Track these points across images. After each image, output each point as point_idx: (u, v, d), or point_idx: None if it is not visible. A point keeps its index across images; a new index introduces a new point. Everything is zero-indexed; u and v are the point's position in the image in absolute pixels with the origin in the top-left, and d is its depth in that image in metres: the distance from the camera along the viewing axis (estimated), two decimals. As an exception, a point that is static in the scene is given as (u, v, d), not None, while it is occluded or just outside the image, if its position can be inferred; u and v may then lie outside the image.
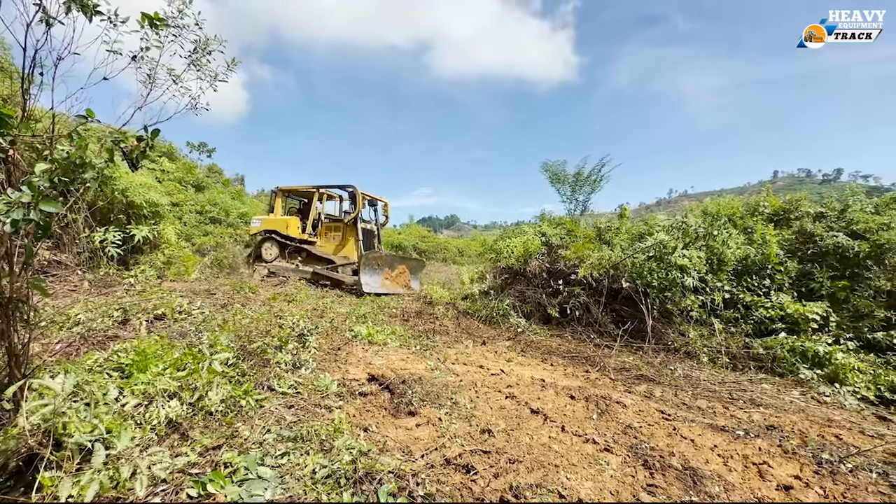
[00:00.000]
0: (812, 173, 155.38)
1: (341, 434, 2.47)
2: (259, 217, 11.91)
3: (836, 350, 5.92)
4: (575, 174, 14.64)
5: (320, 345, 4.61)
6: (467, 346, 5.81)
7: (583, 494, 2.18)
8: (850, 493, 2.49)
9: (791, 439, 3.41)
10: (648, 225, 9.22)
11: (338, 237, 11.46)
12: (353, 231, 11.01)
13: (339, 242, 11.37)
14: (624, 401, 3.89)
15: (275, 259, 11.24)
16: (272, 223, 11.49)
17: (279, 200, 11.83)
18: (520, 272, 8.63)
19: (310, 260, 11.02)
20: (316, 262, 10.87)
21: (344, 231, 11.38)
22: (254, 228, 11.83)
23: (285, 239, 11.21)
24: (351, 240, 11.15)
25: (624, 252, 7.69)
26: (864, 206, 7.63)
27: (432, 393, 3.53)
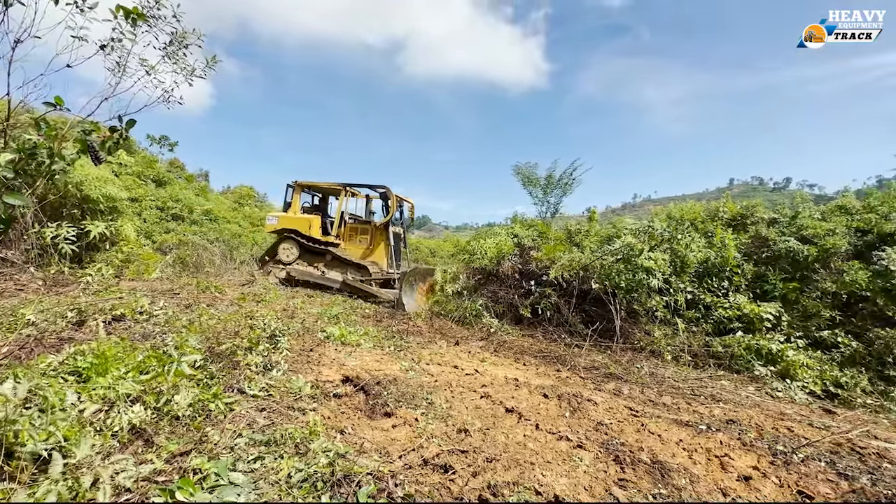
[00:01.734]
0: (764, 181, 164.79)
1: (317, 437, 2.42)
2: (275, 214, 10.80)
3: (788, 348, 6.31)
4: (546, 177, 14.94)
5: (292, 346, 4.50)
6: (441, 346, 5.82)
7: (558, 490, 2.23)
8: (802, 481, 2.66)
9: (749, 432, 3.60)
10: (616, 228, 9.53)
11: (365, 240, 10.52)
12: (383, 235, 10.25)
13: (367, 246, 10.43)
14: (594, 398, 4.00)
15: (294, 261, 10.23)
16: (292, 221, 10.39)
17: (297, 196, 10.72)
18: (493, 273, 8.72)
19: (335, 264, 10.08)
20: (341, 266, 9.95)
21: (373, 234, 10.47)
22: (269, 226, 10.74)
23: (307, 240, 10.18)
24: (381, 244, 10.31)
25: (593, 254, 7.91)
26: (812, 213, 8.17)
27: (408, 394, 3.51)
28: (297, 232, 10.24)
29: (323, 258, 10.16)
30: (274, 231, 10.68)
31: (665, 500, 2.30)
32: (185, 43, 2.33)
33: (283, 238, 10.42)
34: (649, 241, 7.48)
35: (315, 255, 10.24)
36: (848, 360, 6.30)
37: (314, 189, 11.24)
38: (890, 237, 7.24)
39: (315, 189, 11.24)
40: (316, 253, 10.22)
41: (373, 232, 10.49)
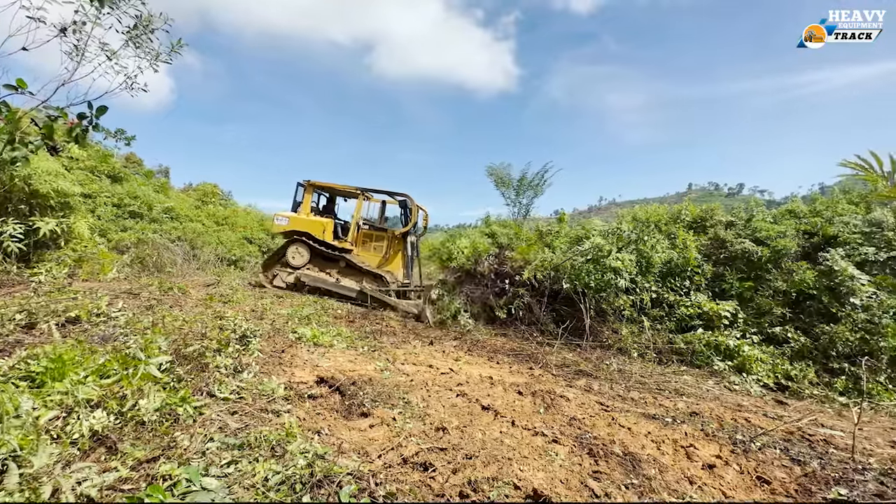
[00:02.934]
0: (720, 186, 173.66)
1: (294, 438, 2.37)
2: (285, 214, 9.95)
3: (744, 343, 6.68)
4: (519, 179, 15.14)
5: (263, 348, 4.37)
6: (415, 346, 5.81)
7: (536, 484, 2.27)
8: (760, 468, 2.82)
9: (710, 424, 3.78)
10: (585, 229, 9.79)
11: (381, 248, 10.03)
12: (401, 244, 9.84)
13: (384, 255, 9.96)
14: (567, 395, 4.10)
15: (304, 266, 9.60)
16: (305, 224, 9.64)
17: (308, 196, 10.02)
18: (470, 272, 8.79)
19: (348, 271, 9.55)
20: (355, 274, 9.45)
21: (390, 243, 9.99)
22: (278, 227, 9.98)
23: (320, 244, 9.56)
24: (399, 254, 9.90)
25: (565, 254, 8.10)
26: (765, 217, 8.66)
27: (384, 393, 3.49)
28: (310, 235, 9.60)
29: (336, 264, 9.62)
30: (283, 232, 10.01)
31: (637, 489, 2.39)
32: (151, 28, 2.21)
33: (294, 240, 9.74)
34: (617, 242, 7.74)
35: (327, 261, 9.68)
36: (797, 355, 6.73)
37: (328, 190, 10.64)
38: (834, 239, 7.78)
39: (329, 190, 10.63)
40: (329, 258, 9.65)
41: (390, 240, 10.02)
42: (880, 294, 6.68)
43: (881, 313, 6.43)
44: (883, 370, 6.09)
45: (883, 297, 6.63)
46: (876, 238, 7.52)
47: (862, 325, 6.47)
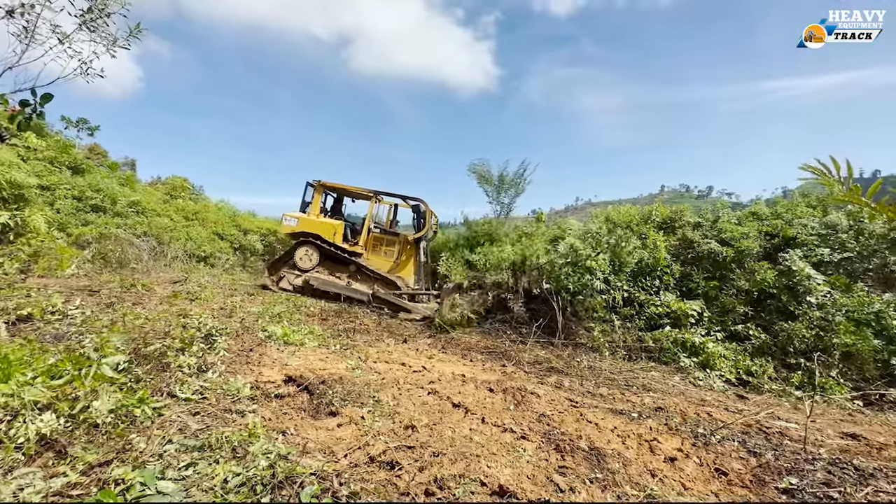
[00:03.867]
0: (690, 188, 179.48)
1: (257, 439, 2.31)
2: (294, 215, 9.60)
3: (708, 341, 6.91)
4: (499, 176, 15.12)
5: (230, 346, 4.26)
6: (388, 344, 5.77)
7: (503, 480, 2.29)
8: (719, 460, 2.92)
9: (674, 418, 3.90)
10: (562, 229, 9.95)
11: (392, 253, 9.76)
12: (413, 250, 9.60)
13: (395, 260, 9.70)
14: (538, 391, 4.15)
15: (313, 269, 9.30)
16: (315, 226, 9.39)
17: (317, 197, 9.72)
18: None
19: (359, 276, 9.30)
20: (366, 279, 9.19)
21: (402, 248, 9.73)
22: (287, 228, 9.64)
23: (331, 247, 9.27)
24: (411, 260, 9.65)
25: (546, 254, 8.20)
26: (730, 219, 8.98)
27: (354, 392, 3.45)
28: (320, 237, 9.36)
29: (346, 268, 9.38)
30: (291, 233, 9.65)
31: (601, 483, 2.44)
32: (107, 11, 2.09)
33: (303, 243, 9.49)
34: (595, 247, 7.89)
35: (337, 264, 9.43)
36: (758, 351, 7.01)
37: (339, 191, 10.37)
38: (793, 240, 8.14)
39: (341, 192, 10.35)
40: (339, 262, 9.41)
41: (402, 245, 9.80)
42: (834, 293, 7.04)
43: (835, 311, 6.76)
44: (835, 365, 6.41)
45: (837, 296, 6.98)
46: (831, 240, 7.91)
47: (817, 322, 6.79)
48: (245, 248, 15.10)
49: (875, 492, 2.57)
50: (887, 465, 3.17)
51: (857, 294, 6.93)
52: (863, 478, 2.78)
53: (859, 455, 3.54)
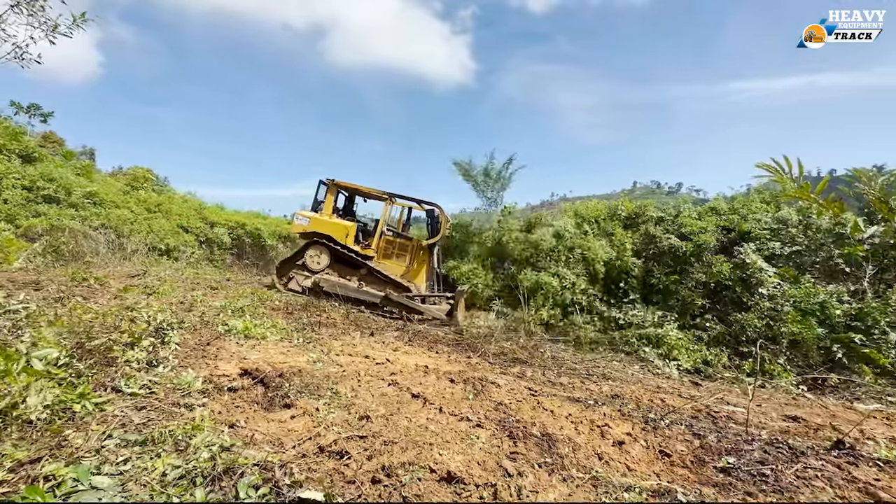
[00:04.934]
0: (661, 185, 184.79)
1: (201, 431, 2.26)
2: (306, 214, 9.30)
3: (669, 330, 7.18)
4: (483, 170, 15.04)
5: (185, 340, 4.14)
6: (354, 337, 5.74)
7: (452, 467, 2.32)
8: (664, 442, 3.05)
9: (628, 404, 4.04)
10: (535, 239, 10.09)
11: (404, 257, 9.50)
12: (426, 255, 9.35)
13: (408, 265, 9.43)
14: (498, 381, 4.21)
15: (323, 270, 8.98)
16: (327, 226, 9.08)
17: (330, 196, 9.34)
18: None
19: (371, 279, 8.99)
20: (378, 283, 8.93)
21: (414, 253, 9.47)
22: (298, 227, 9.30)
23: (343, 249, 8.96)
24: (424, 265, 9.40)
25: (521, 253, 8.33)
26: (690, 213, 9.32)
27: (312, 384, 3.42)
28: (332, 239, 9.08)
29: (356, 271, 9.15)
30: (303, 233, 9.36)
31: (549, 467, 2.50)
32: (42, -5, 1.98)
33: (313, 243, 9.20)
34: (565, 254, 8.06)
35: (348, 267, 9.19)
36: (714, 341, 7.34)
37: (352, 192, 10.10)
38: (748, 234, 8.52)
39: (355, 192, 10.08)
40: (350, 264, 9.17)
41: (414, 250, 9.60)
42: (783, 285, 7.42)
43: (783, 302, 7.13)
44: (783, 353, 6.78)
45: (785, 288, 7.36)
46: (782, 234, 8.32)
47: (767, 312, 7.15)
48: (212, 242, 14.67)
49: (804, 468, 2.73)
50: (820, 444, 3.38)
51: (804, 285, 7.32)
52: (795, 456, 2.95)
53: (797, 435, 3.76)
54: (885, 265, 7.78)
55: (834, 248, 7.94)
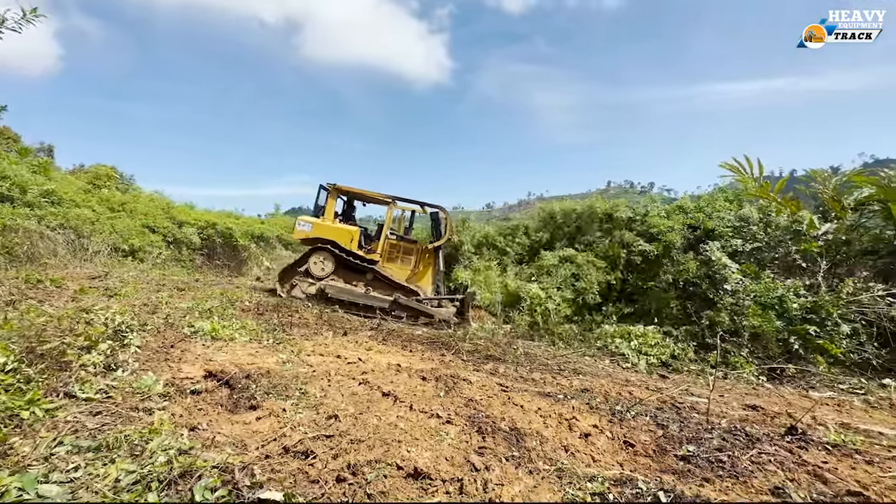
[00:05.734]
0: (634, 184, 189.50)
1: (158, 435, 2.19)
2: (308, 220, 9.13)
3: (638, 329, 7.37)
4: None
5: (147, 343, 4.00)
6: (327, 337, 5.67)
7: (420, 463, 2.32)
8: (629, 433, 3.13)
9: (597, 398, 4.13)
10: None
11: (409, 261, 9.34)
12: (432, 258, 9.25)
13: (413, 268, 9.28)
14: (470, 378, 4.24)
15: (328, 277, 8.79)
16: (331, 231, 8.97)
17: (332, 201, 9.19)
18: None
19: (377, 285, 8.87)
20: (385, 288, 8.81)
21: (420, 256, 9.32)
22: (300, 233, 9.09)
23: (348, 255, 8.80)
24: (429, 268, 9.29)
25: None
26: (659, 212, 9.59)
27: (280, 385, 3.36)
28: (336, 244, 8.94)
29: (363, 276, 9.02)
30: (306, 240, 9.19)
31: (516, 460, 2.53)
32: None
33: (317, 249, 9.00)
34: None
35: (353, 272, 9.03)
36: (683, 335, 7.58)
37: (355, 196, 9.93)
38: (712, 232, 8.83)
39: (357, 196, 9.95)
40: (355, 270, 9.01)
41: (419, 253, 9.45)
42: (745, 280, 7.73)
43: (745, 296, 7.43)
44: (745, 345, 7.06)
45: (747, 283, 7.67)
46: (744, 231, 8.66)
47: (730, 307, 7.44)
48: (180, 242, 14.20)
49: (759, 454, 2.86)
50: (775, 430, 3.54)
51: (764, 281, 7.65)
52: (751, 442, 3.08)
53: (754, 423, 3.92)
54: (837, 260, 8.21)
55: (791, 245, 8.32)
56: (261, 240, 20.13)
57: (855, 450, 3.11)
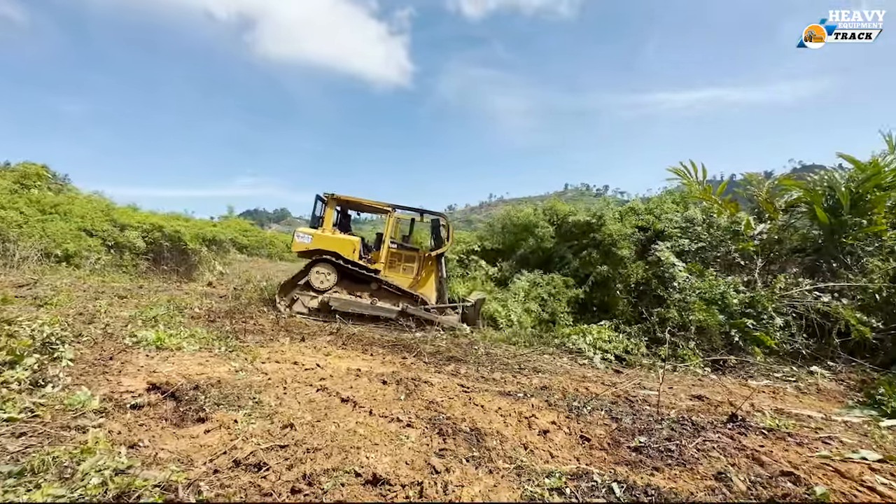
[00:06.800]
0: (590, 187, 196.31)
1: (92, 455, 2.02)
2: (307, 231, 8.79)
3: (602, 329, 7.64)
4: None
5: (82, 356, 3.70)
6: (283, 343, 5.48)
7: (379, 469, 2.28)
8: (585, 428, 3.22)
9: (555, 395, 4.23)
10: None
11: (411, 269, 9.12)
12: (434, 265, 9.03)
13: (415, 276, 9.05)
14: (432, 380, 4.22)
15: (331, 289, 8.41)
16: (332, 242, 8.67)
17: (330, 211, 8.82)
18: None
19: (382, 294, 8.58)
20: (390, 297, 8.54)
21: (422, 263, 9.08)
22: (300, 245, 8.72)
23: (352, 265, 8.48)
24: (432, 275, 9.07)
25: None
26: (613, 215, 9.96)
27: (232, 395, 3.21)
28: (338, 255, 8.60)
29: (366, 286, 8.74)
30: (305, 252, 8.81)
31: (477, 461, 2.54)
32: None
33: (318, 261, 8.62)
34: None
35: (356, 283, 8.74)
36: (635, 332, 7.91)
37: (353, 206, 9.63)
38: (662, 233, 9.29)
39: (356, 207, 9.67)
40: (358, 280, 8.73)
41: (421, 261, 9.24)
42: (691, 278, 8.18)
43: (691, 293, 7.87)
44: (693, 339, 7.47)
45: (693, 281, 8.12)
46: (690, 232, 9.18)
47: (679, 303, 7.85)
48: (123, 246, 13.29)
49: (703, 441, 3.02)
50: (718, 418, 3.76)
51: (708, 278, 8.13)
52: (697, 431, 3.26)
53: (700, 413, 4.15)
54: (771, 258, 8.87)
55: (731, 244, 8.91)
56: (213, 243, 19.18)
57: (788, 433, 3.36)
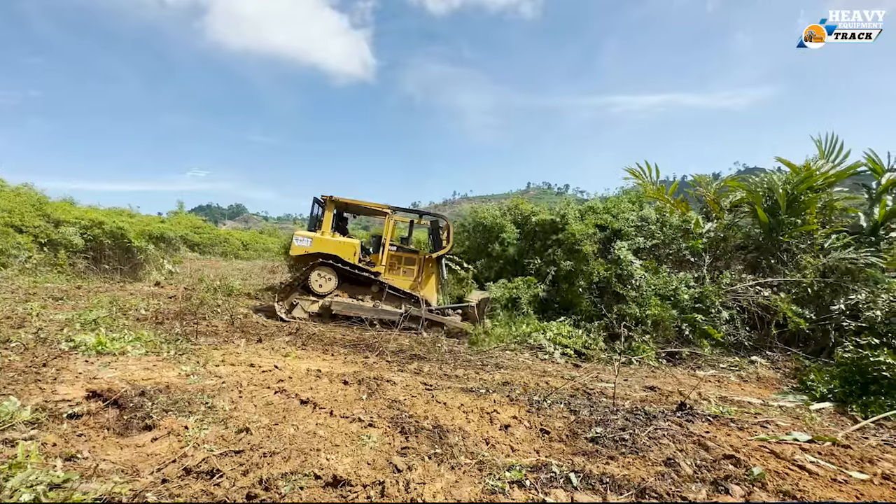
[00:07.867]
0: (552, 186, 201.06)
1: (22, 470, 1.86)
2: (306, 235, 8.45)
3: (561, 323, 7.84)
4: None
5: (10, 363, 3.40)
6: (239, 345, 5.26)
7: (340, 471, 2.23)
8: (545, 421, 3.30)
9: (517, 390, 4.30)
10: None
11: (411, 271, 8.95)
12: (435, 267, 8.85)
13: (415, 278, 8.88)
14: (394, 379, 4.19)
15: (331, 293, 8.13)
16: (332, 245, 8.37)
17: (329, 214, 8.60)
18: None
19: (381, 296, 8.36)
20: (393, 299, 8.31)
21: (422, 266, 8.90)
22: (299, 249, 8.37)
23: (352, 268, 8.24)
24: (433, 277, 8.89)
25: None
26: (574, 215, 10.21)
27: (182, 400, 3.04)
28: (339, 258, 8.34)
29: (368, 289, 8.56)
30: (304, 255, 8.49)
31: (439, 458, 2.55)
32: None
33: (318, 265, 8.35)
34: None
35: (357, 286, 8.56)
36: (595, 328, 8.19)
37: (351, 209, 9.44)
38: (619, 232, 9.65)
39: (354, 209, 9.51)
40: (359, 283, 8.55)
41: (421, 263, 9.06)
42: (646, 275, 8.56)
43: (647, 289, 8.24)
44: (649, 332, 7.82)
45: (648, 277, 8.51)
46: (644, 230, 9.60)
47: (635, 299, 8.20)
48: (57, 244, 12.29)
49: (655, 429, 3.17)
50: (668, 407, 3.96)
51: (661, 275, 8.54)
52: (649, 420, 3.41)
53: (652, 402, 4.36)
54: (717, 255, 9.45)
55: (682, 242, 9.41)
56: (161, 240, 18.12)
57: (730, 419, 3.59)
